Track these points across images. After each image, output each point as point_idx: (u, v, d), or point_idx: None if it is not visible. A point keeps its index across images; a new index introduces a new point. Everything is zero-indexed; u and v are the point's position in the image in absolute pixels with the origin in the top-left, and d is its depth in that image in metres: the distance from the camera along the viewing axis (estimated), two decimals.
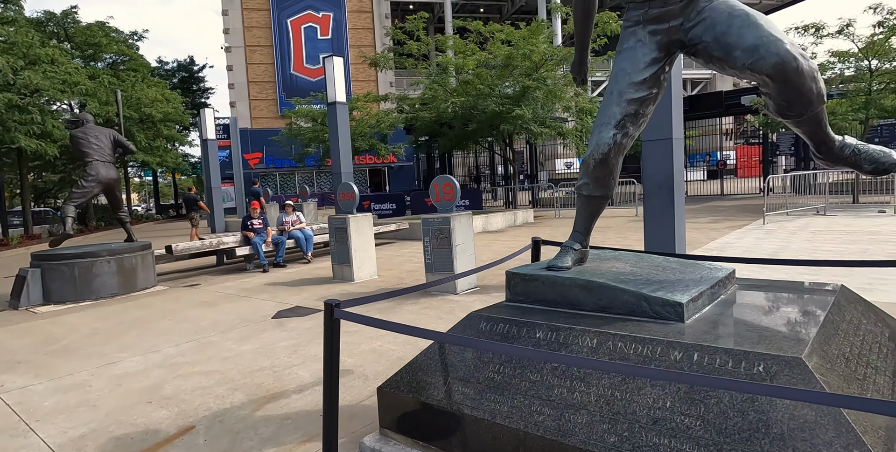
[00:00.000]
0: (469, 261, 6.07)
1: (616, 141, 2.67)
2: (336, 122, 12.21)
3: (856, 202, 12.23)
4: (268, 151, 30.43)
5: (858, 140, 2.69)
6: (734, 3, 2.48)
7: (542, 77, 13.26)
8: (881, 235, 7.98)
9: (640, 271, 2.81)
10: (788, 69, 2.18)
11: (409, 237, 10.99)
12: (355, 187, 7.27)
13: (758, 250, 7.32)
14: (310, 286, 6.81)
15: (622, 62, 2.75)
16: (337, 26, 36.98)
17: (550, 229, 11.56)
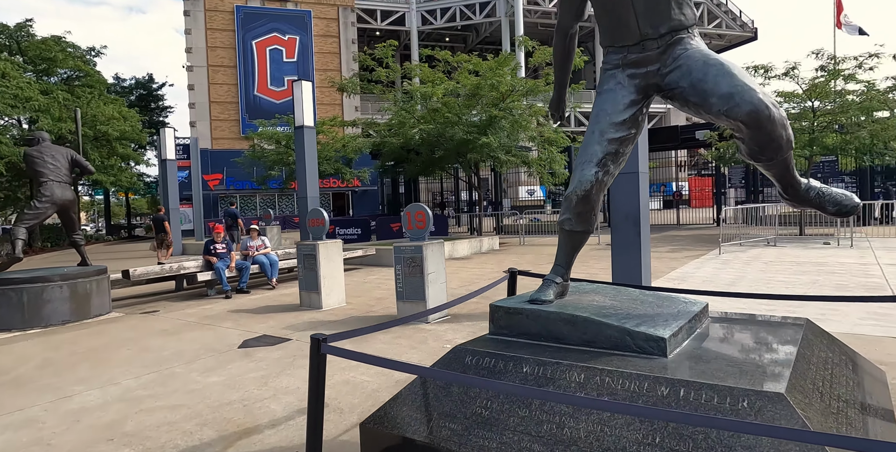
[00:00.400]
0: (440, 290, 6.07)
1: (598, 178, 2.76)
2: (303, 146, 12.16)
3: (802, 234, 12.89)
4: (228, 172, 29.86)
5: (811, 178, 2.87)
6: (708, 52, 2.65)
7: (508, 107, 13.59)
8: (828, 266, 8.41)
9: (619, 305, 2.88)
10: (762, 117, 2.33)
11: (377, 263, 10.91)
12: (325, 213, 7.21)
13: (717, 280, 7.59)
14: (276, 313, 6.64)
15: (603, 103, 2.87)
16: (303, 49, 37.10)
17: (517, 257, 11.68)
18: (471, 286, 8.02)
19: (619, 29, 2.80)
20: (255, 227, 9.26)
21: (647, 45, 2.73)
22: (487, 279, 8.69)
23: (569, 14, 3.07)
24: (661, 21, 2.66)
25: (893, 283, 6.84)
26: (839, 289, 6.61)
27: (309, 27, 37.11)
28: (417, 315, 3.24)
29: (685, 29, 2.70)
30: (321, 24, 37.36)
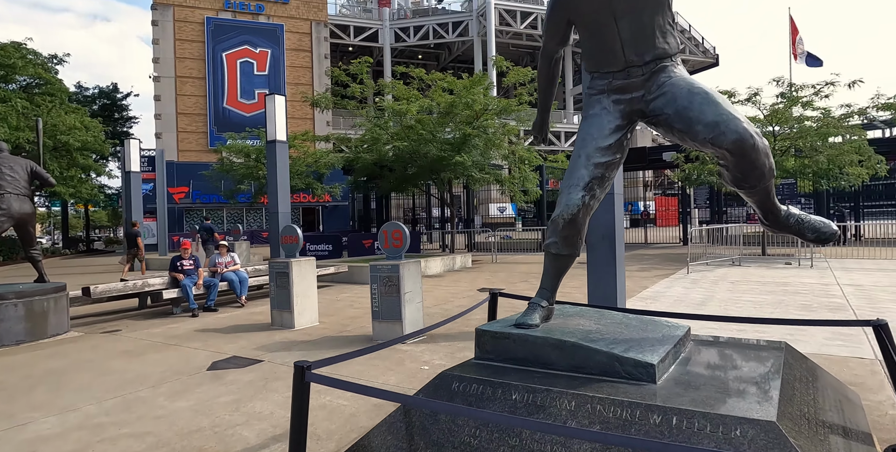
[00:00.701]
0: (416, 309, 5.99)
1: (584, 202, 2.77)
2: (275, 161, 11.97)
3: (764, 254, 13.30)
4: (195, 185, 29.20)
5: (790, 206, 2.95)
6: (692, 81, 2.71)
7: (481, 125, 13.72)
8: (791, 286, 8.67)
9: (605, 329, 2.88)
10: (746, 146, 2.38)
11: (349, 280, 10.74)
12: (299, 230, 7.08)
13: (687, 299, 7.72)
14: (246, 333, 6.44)
15: (589, 127, 2.90)
16: (274, 63, 36.89)
17: (489, 275, 11.68)
18: (445, 305, 7.96)
19: (604, 55, 2.85)
20: (225, 243, 9.03)
21: (632, 72, 2.78)
22: (462, 297, 8.64)
23: (554, 39, 3.11)
24: (645, 49, 2.71)
25: (854, 303, 7.08)
26: (804, 309, 6.80)
27: (281, 41, 36.98)
28: (404, 336, 3.17)
29: (669, 57, 2.76)
30: (294, 38, 37.27)
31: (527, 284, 9.95)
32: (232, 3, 35.66)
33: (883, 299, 7.34)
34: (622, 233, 6.30)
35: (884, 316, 6.34)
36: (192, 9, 34.61)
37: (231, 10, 35.65)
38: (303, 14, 37.43)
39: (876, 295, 7.63)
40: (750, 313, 6.73)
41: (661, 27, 2.71)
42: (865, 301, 7.25)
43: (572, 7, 2.84)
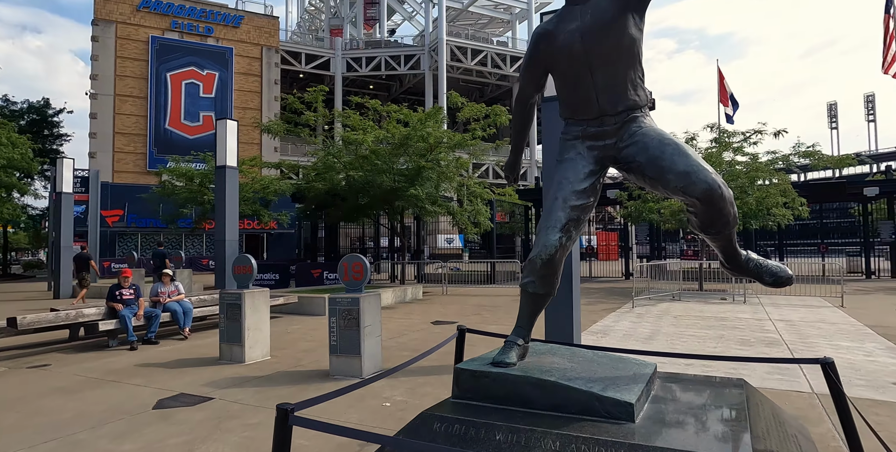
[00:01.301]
0: (376, 344, 5.90)
1: (561, 243, 2.87)
2: (224, 187, 11.70)
3: (701, 289, 13.98)
4: (130, 208, 27.83)
5: (749, 251, 3.17)
6: (662, 132, 2.90)
7: (435, 158, 13.92)
8: (729, 321, 9.14)
9: (579, 367, 2.95)
10: (715, 195, 2.56)
11: (298, 311, 10.44)
12: (253, 260, 6.88)
13: (636, 334, 7.99)
14: (193, 368, 6.12)
15: (565, 171, 3.03)
16: (222, 86, 36.24)
17: (441, 307, 11.67)
18: (400, 338, 7.88)
19: (580, 104, 3.00)
20: (168, 272, 8.62)
21: (606, 121, 2.94)
22: (416, 330, 8.58)
23: (531, 86, 3.24)
24: (618, 100, 2.89)
25: (787, 338, 7.53)
26: (743, 344, 7.17)
27: (230, 64, 36.47)
28: (389, 371, 3.12)
29: (639, 108, 2.95)
30: (243, 61, 36.87)
31: (479, 317, 10.00)
32: (180, 24, 35.01)
33: (812, 334, 7.85)
34: (579, 270, 6.49)
35: (814, 351, 6.79)
36: (137, 27, 33.71)
37: (178, 31, 34.96)
38: (254, 39, 37.19)
39: (805, 331, 8.16)
40: (694, 347, 7.04)
41: (633, 81, 2.90)
42: (797, 336, 7.73)
43: (551, 59, 2.99)
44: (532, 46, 3.07)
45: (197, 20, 35.70)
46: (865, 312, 10.07)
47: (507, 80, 44.82)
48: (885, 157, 63.17)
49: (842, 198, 22.97)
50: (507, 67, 42.26)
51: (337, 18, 59.76)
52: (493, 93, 46.63)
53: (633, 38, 2.81)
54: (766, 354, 6.57)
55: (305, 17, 76.38)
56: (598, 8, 2.77)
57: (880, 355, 6.51)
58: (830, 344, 7.11)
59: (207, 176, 17.98)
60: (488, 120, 14.07)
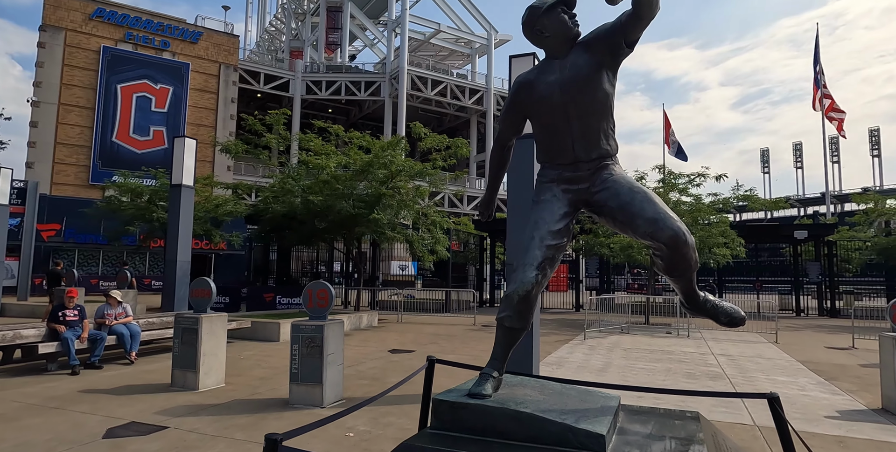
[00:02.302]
0: (338, 372, 5.87)
1: (537, 280, 3.04)
2: (178, 206, 11.43)
3: (648, 323, 14.52)
4: (69, 223, 26.43)
5: (707, 293, 3.43)
6: (631, 180, 3.15)
7: (395, 186, 14.07)
8: (675, 355, 9.54)
9: (551, 399, 3.09)
10: (680, 241, 2.81)
11: (251, 336, 10.17)
12: (212, 284, 6.74)
13: (589, 365, 8.23)
14: (143, 395, 5.88)
15: (541, 212, 3.23)
16: (175, 101, 35.43)
17: (398, 335, 11.62)
18: (359, 366, 7.82)
19: (556, 150, 3.23)
20: (118, 292, 8.28)
21: (580, 167, 3.17)
22: (374, 358, 8.53)
23: (510, 129, 3.45)
24: (592, 148, 3.13)
25: (728, 372, 7.94)
26: (689, 377, 7.52)
27: (185, 79, 35.77)
28: (371, 400, 3.17)
29: (610, 157, 3.20)
30: (199, 78, 36.28)
31: (437, 346, 10.04)
32: (134, 36, 34.23)
33: (751, 368, 8.31)
34: (539, 303, 6.69)
35: (754, 385, 7.19)
36: (88, 35, 32.73)
37: (132, 43, 34.15)
38: (212, 56, 36.74)
39: (744, 365, 8.62)
40: (645, 380, 7.32)
41: (605, 131, 3.15)
42: (737, 370, 8.16)
43: (531, 107, 3.21)
44: (513, 94, 3.29)
45: (153, 33, 35.03)
46: (797, 348, 10.73)
47: (465, 112, 45.88)
48: (811, 202, 67.88)
49: (775, 240, 24.53)
50: (465, 99, 43.30)
51: (298, 40, 59.95)
52: (451, 123, 47.55)
53: (607, 93, 3.07)
54: (711, 387, 6.92)
55: (265, 37, 76.23)
56: (576, 64, 3.02)
57: (812, 389, 6.97)
58: (768, 379, 7.56)
59: (157, 192, 17.43)
60: (449, 151, 14.40)
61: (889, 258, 18.14)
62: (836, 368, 8.64)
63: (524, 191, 6.75)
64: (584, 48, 3.01)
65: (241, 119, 16.07)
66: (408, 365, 7.98)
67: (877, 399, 6.33)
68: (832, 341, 12.08)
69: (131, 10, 34.49)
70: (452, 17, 46.66)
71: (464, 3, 46.12)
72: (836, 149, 72.64)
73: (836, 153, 72.89)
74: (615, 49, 2.93)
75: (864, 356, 10.00)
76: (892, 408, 5.99)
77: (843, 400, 6.44)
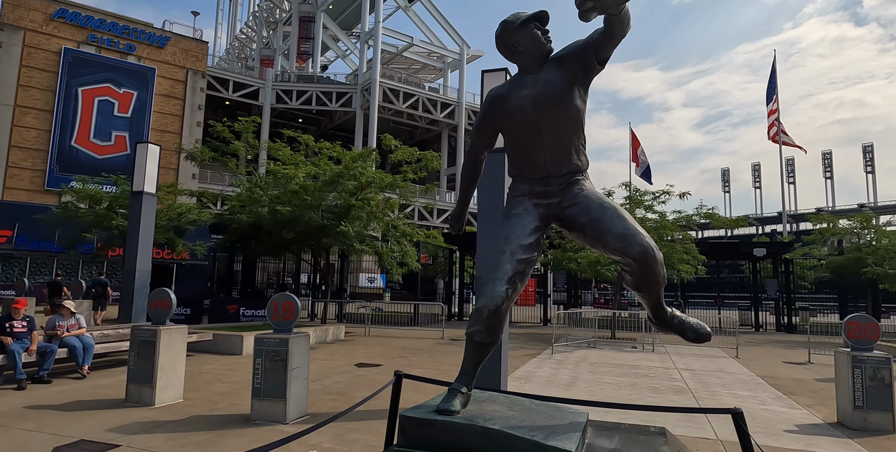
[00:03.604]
0: (302, 387, 5.72)
1: (508, 294, 3.03)
2: (140, 214, 11.10)
3: (614, 337, 14.68)
4: (21, 230, 25.31)
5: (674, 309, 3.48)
6: (601, 196, 3.18)
7: (365, 197, 13.96)
8: (640, 369, 9.65)
9: (520, 415, 3.06)
10: (649, 257, 2.84)
11: (212, 349, 9.86)
12: (172, 294, 6.52)
13: (557, 380, 8.24)
14: (94, 411, 5.60)
15: (512, 225, 3.22)
16: (140, 106, 34.56)
17: (365, 348, 11.44)
18: (324, 380, 7.65)
19: (528, 164, 3.23)
20: (71, 303, 7.92)
21: (552, 181, 3.19)
22: (340, 373, 8.36)
23: (482, 142, 3.43)
24: (563, 163, 3.14)
25: (692, 386, 8.07)
26: (655, 392, 7.60)
27: (151, 84, 34.97)
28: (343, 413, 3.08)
29: (581, 172, 3.22)
30: (166, 83, 35.53)
31: (405, 360, 9.91)
32: (98, 38, 33.37)
33: (714, 383, 8.46)
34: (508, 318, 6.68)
35: (717, 399, 7.31)
36: (49, 36, 31.76)
37: (96, 45, 33.27)
38: (179, 61, 36.08)
39: (707, 379, 8.78)
40: (611, 394, 7.37)
41: (576, 147, 3.18)
42: (700, 385, 8.30)
43: (503, 121, 3.21)
44: (485, 107, 3.28)
45: (118, 36, 34.23)
46: (757, 363, 10.99)
47: (436, 125, 46.11)
48: (768, 220, 70.38)
49: (736, 257, 25.25)
50: (437, 113, 43.56)
51: (269, 49, 59.51)
52: (422, 136, 47.69)
53: (578, 109, 3.10)
54: (676, 402, 7.00)
55: (235, 44, 75.42)
56: (549, 79, 3.04)
57: (772, 404, 7.13)
58: (730, 393, 7.70)
59: (118, 199, 16.87)
60: (420, 163, 14.40)
61: (841, 276, 18.86)
62: (794, 383, 8.87)
63: (495, 204, 6.77)
64: (556, 64, 3.03)
65: (210, 126, 15.73)
66: (375, 380, 7.85)
67: (832, 414, 6.51)
68: (789, 356, 12.43)
69: (95, 12, 33.66)
70: (425, 31, 47.09)
71: (437, 18, 46.64)
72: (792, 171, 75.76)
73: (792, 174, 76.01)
74: (587, 66, 2.96)
75: (819, 370, 10.31)
76: (846, 422, 6.16)
77: (801, 414, 6.61)
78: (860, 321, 6.40)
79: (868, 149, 73.78)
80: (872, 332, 6.33)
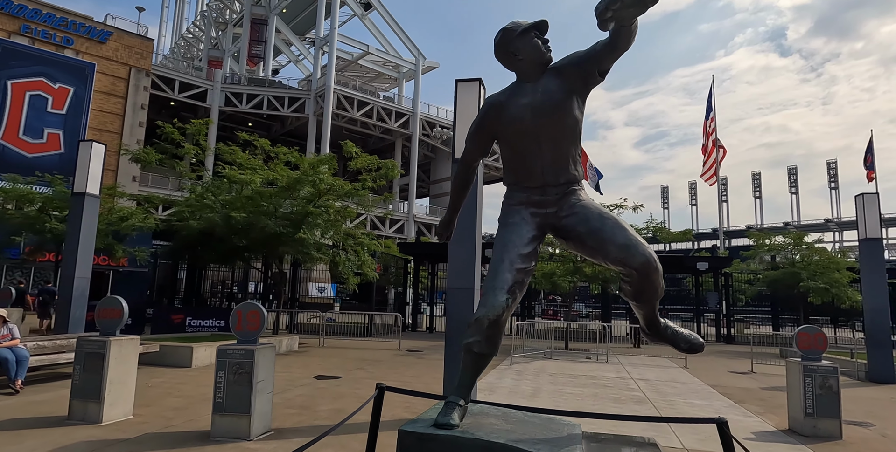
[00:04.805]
0: (267, 401, 5.45)
1: (507, 304, 2.97)
2: (81, 217, 10.43)
3: (567, 348, 14.90)
4: None
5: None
6: (600, 207, 3.18)
7: (323, 205, 13.65)
8: (599, 380, 9.80)
9: (517, 428, 3.00)
10: (651, 268, 2.85)
11: (159, 362, 9.28)
12: (124, 302, 6.10)
13: (520, 391, 8.24)
14: (33, 430, 5.12)
15: (510, 234, 3.16)
16: (76, 102, 32.69)
17: (321, 360, 11.09)
18: (285, 394, 7.34)
19: (525, 173, 3.20)
20: (3, 311, 7.28)
21: (548, 191, 3.16)
22: (300, 385, 8.06)
23: (477, 150, 3.37)
24: (560, 173, 3.13)
25: (650, 396, 8.25)
26: (616, 402, 7.72)
27: (89, 81, 33.17)
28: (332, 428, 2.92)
29: (577, 182, 3.22)
30: (106, 80, 33.80)
31: (364, 372, 9.66)
32: (32, 30, 31.44)
33: (669, 393, 8.69)
34: None
35: (675, 408, 7.49)
36: None
37: (28, 36, 31.32)
38: (122, 58, 34.45)
39: (663, 389, 9.01)
40: (575, 404, 7.43)
41: (573, 157, 3.18)
42: (657, 394, 8.50)
43: (501, 128, 3.17)
44: (483, 114, 3.23)
45: (54, 28, 32.36)
46: (705, 373, 11.40)
47: (390, 134, 45.97)
48: (704, 236, 73.93)
49: (680, 270, 26.25)
50: (391, 122, 43.44)
51: (217, 50, 57.75)
52: (375, 144, 47.40)
53: (577, 119, 3.09)
54: (638, 411, 7.12)
55: (181, 43, 72.82)
56: (548, 89, 3.02)
57: (727, 412, 7.37)
58: (686, 402, 7.91)
59: (52, 201, 15.79)
60: (380, 172, 14.23)
61: (777, 289, 19.96)
62: (742, 391, 9.23)
63: (467, 214, 6.74)
64: (555, 74, 3.02)
65: (158, 126, 14.98)
66: (336, 392, 7.61)
67: (783, 421, 6.79)
68: (733, 366, 12.97)
69: (30, 2, 31.74)
70: (381, 40, 47.03)
71: (393, 27, 46.71)
72: (725, 190, 79.92)
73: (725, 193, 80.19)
74: (587, 77, 2.97)
75: (762, 379, 10.80)
76: (798, 429, 6.44)
77: (754, 422, 6.85)
78: (810, 332, 6.73)
79: (793, 171, 78.96)
80: (821, 343, 6.67)
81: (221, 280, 23.47)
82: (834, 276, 17.87)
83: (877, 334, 11.22)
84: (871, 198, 11.54)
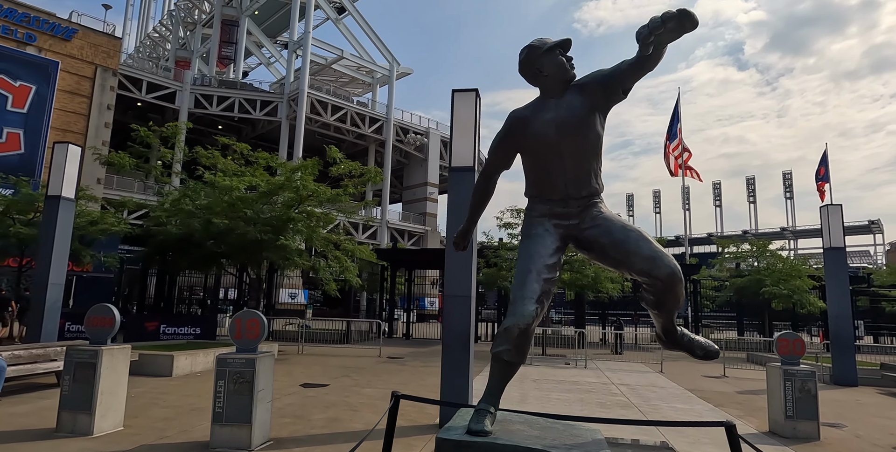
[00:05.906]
0: (266, 410, 5.39)
1: (537, 313, 3.05)
2: (56, 221, 10.08)
3: (544, 354, 15.09)
4: None
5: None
6: (622, 219, 3.31)
7: (305, 210, 13.52)
8: (582, 385, 9.97)
9: (546, 434, 3.08)
10: (675, 279, 2.97)
11: (138, 371, 8.97)
12: (115, 311, 5.94)
13: (508, 397, 8.30)
14: (20, 443, 4.93)
15: (535, 245, 3.25)
16: (39, 102, 31.48)
17: (303, 368, 10.94)
18: (275, 403, 7.21)
19: (547, 186, 3.29)
20: None
21: (570, 203, 3.26)
22: (287, 394, 7.95)
23: (499, 162, 3.45)
24: (582, 186, 3.23)
25: (634, 401, 8.44)
26: (602, 407, 7.88)
27: (52, 79, 31.99)
28: None
29: (598, 195, 3.33)
30: (70, 79, 32.67)
31: (350, 379, 9.59)
32: None
33: (652, 397, 8.91)
34: (473, 335, 6.71)
35: (659, 412, 7.68)
36: None
37: None
38: (87, 56, 33.38)
39: (645, 394, 9.23)
40: (563, 410, 7.54)
41: (595, 171, 3.29)
42: (641, 399, 8.70)
43: (524, 142, 3.25)
44: (506, 128, 3.31)
45: (16, 24, 31.15)
46: (681, 377, 11.72)
47: (364, 140, 45.72)
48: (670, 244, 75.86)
49: None
50: (365, 127, 43.25)
51: (185, 50, 56.57)
52: (349, 150, 46.99)
53: (599, 135, 3.21)
54: (624, 415, 7.27)
55: (147, 42, 71.00)
56: (572, 105, 3.12)
57: (708, 415, 7.60)
58: (670, 406, 8.13)
59: (16, 203, 15.17)
60: (363, 178, 14.18)
61: (742, 296, 20.65)
62: (719, 395, 9.53)
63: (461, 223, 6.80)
64: (578, 90, 3.13)
65: (132, 129, 14.56)
66: (326, 401, 7.54)
67: (764, 424, 7.05)
68: (705, 370, 13.36)
69: None
70: (355, 44, 46.88)
71: (367, 32, 46.64)
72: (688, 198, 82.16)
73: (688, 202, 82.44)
74: (610, 94, 3.08)
75: (736, 383, 11.17)
76: (778, 431, 6.70)
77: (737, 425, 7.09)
78: (790, 338, 7.03)
79: (751, 181, 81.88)
80: (799, 348, 6.97)
81: (190, 286, 22.87)
82: (795, 283, 18.61)
83: (841, 339, 11.74)
84: (836, 209, 12.11)
